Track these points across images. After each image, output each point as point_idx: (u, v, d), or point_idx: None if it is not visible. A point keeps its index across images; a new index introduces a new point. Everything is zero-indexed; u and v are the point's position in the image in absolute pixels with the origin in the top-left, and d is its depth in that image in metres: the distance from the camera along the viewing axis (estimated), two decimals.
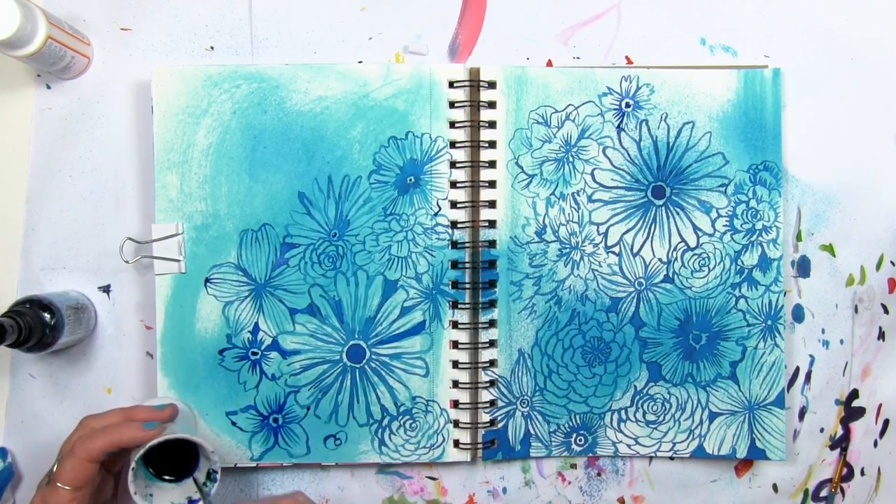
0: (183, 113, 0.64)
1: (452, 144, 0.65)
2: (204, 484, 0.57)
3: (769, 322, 0.66)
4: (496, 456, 0.66)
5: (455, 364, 0.65)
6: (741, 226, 0.66)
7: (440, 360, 0.66)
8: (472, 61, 0.67)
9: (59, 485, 0.53)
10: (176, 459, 0.58)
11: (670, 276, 0.66)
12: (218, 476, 0.57)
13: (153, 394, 0.65)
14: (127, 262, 0.64)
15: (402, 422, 0.65)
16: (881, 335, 0.68)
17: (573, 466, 0.68)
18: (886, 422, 0.69)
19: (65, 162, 0.66)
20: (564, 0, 0.67)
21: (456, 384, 0.66)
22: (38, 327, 0.58)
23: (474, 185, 0.65)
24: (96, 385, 0.66)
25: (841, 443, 0.69)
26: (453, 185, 0.65)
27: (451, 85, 0.65)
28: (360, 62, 0.66)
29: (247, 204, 0.64)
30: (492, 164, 0.65)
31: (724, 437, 0.66)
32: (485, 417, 0.66)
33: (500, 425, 0.66)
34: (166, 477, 0.58)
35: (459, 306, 0.65)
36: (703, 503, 0.68)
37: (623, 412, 0.66)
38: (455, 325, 0.65)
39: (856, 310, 0.68)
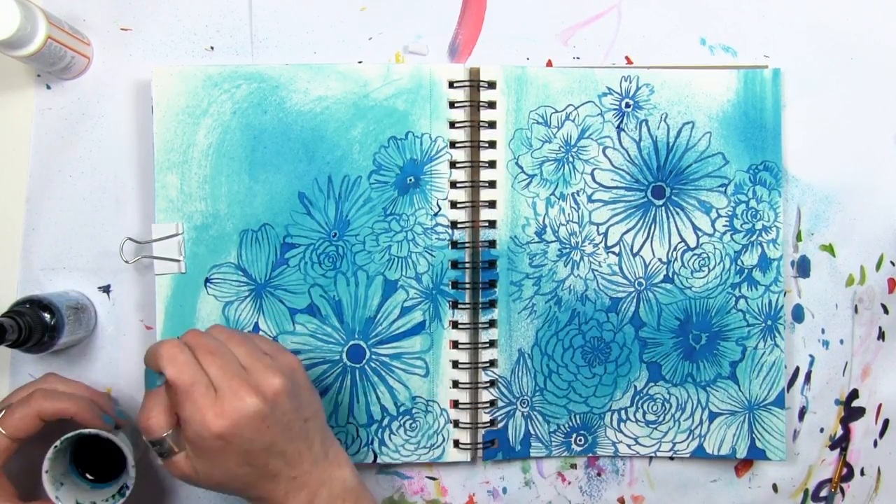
0: (183, 113, 0.64)
1: (452, 144, 0.65)
2: (113, 496, 0.58)
3: (769, 322, 0.66)
4: (496, 456, 0.66)
5: (455, 364, 0.65)
6: (741, 226, 0.66)
7: (440, 360, 0.66)
8: (472, 61, 0.67)
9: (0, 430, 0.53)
10: (103, 468, 0.61)
11: (670, 276, 0.66)
12: (127, 493, 0.58)
13: None
14: (127, 262, 0.64)
15: (402, 422, 0.65)
16: (881, 335, 0.68)
17: (573, 466, 0.68)
18: (886, 422, 0.69)
19: (65, 162, 0.66)
20: (564, 0, 0.67)
21: (456, 384, 0.66)
22: (38, 327, 0.58)
23: (474, 185, 0.65)
24: (96, 385, 0.66)
25: (841, 443, 0.69)
26: (453, 185, 0.65)
27: (451, 85, 0.65)
28: (360, 62, 0.66)
29: (247, 204, 0.64)
30: (492, 164, 0.65)
31: (724, 437, 0.66)
32: (485, 417, 0.66)
33: (500, 425, 0.66)
34: (88, 476, 0.60)
35: (459, 306, 0.65)
36: (703, 503, 0.68)
37: (623, 412, 0.67)
38: (455, 325, 0.65)
39: (856, 310, 0.68)
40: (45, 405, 0.54)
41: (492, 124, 0.65)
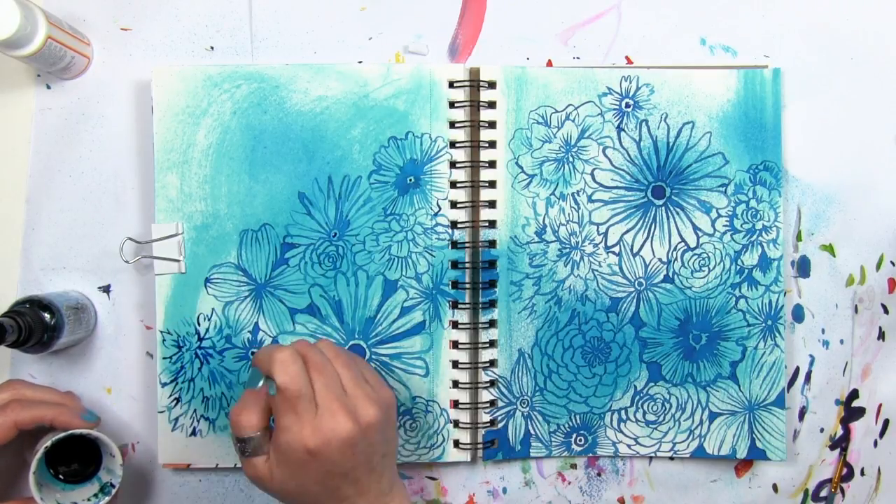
0: (183, 113, 0.64)
1: (452, 144, 0.65)
2: (95, 495, 0.58)
3: (769, 322, 0.66)
4: (496, 456, 0.66)
5: (455, 364, 0.65)
6: (741, 226, 0.66)
7: (440, 360, 0.66)
8: (472, 61, 0.67)
9: None
10: (75, 467, 0.60)
11: (670, 276, 0.66)
12: (113, 491, 0.58)
13: (153, 394, 0.65)
14: (127, 262, 0.64)
15: (401, 422, 0.65)
16: (881, 335, 0.68)
17: (573, 466, 0.68)
18: (886, 422, 0.69)
19: (65, 162, 0.66)
20: (564, 0, 0.67)
21: (456, 384, 0.66)
22: (38, 327, 0.58)
23: (474, 185, 0.65)
24: (96, 385, 0.66)
25: (841, 443, 0.69)
26: (453, 185, 0.65)
27: (451, 85, 0.65)
28: (360, 62, 0.66)
29: (247, 204, 0.65)
30: (492, 164, 0.65)
31: (725, 437, 0.66)
32: (485, 417, 0.66)
33: (500, 425, 0.66)
34: (60, 477, 0.60)
35: (459, 306, 0.65)
36: (703, 503, 0.68)
37: (623, 412, 0.67)
38: (455, 325, 0.65)
39: (856, 310, 0.68)
40: (23, 415, 0.54)
41: (492, 124, 0.65)
